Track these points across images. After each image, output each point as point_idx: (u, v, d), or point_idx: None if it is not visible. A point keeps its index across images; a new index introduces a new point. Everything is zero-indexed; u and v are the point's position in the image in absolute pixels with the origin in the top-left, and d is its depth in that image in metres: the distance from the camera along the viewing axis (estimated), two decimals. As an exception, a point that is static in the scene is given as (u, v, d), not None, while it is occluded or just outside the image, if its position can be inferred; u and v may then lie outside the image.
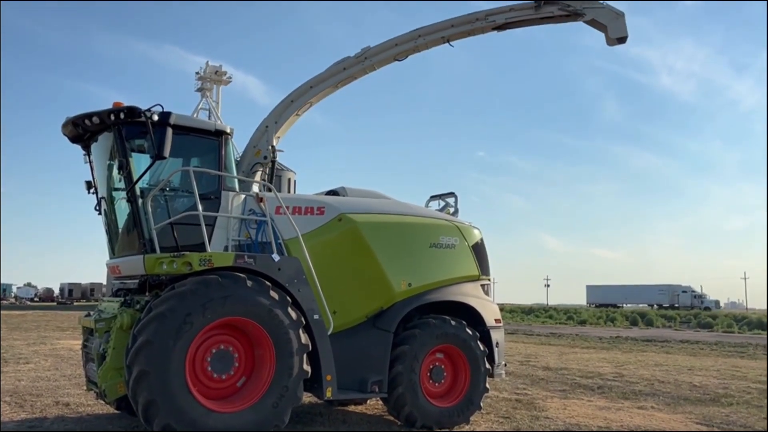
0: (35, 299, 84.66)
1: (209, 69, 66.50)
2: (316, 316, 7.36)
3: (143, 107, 7.05)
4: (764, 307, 77.49)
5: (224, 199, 7.58)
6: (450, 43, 10.26)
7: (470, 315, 8.72)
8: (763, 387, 12.96)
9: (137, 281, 7.86)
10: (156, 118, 7.02)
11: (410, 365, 7.91)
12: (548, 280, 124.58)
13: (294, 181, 41.88)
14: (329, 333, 7.44)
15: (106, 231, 8.11)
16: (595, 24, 10.11)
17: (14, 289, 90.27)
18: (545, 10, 10.06)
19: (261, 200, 7.77)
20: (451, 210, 9.95)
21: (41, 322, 31.33)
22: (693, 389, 12.50)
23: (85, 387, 8.34)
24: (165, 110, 7.13)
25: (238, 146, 9.64)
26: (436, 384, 8.29)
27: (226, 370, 6.84)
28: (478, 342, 8.44)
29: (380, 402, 8.96)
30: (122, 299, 7.66)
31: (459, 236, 8.94)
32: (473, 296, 8.89)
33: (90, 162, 8.04)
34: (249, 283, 6.84)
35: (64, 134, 7.87)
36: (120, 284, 8.60)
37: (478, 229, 9.40)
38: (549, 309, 68.04)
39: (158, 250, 6.96)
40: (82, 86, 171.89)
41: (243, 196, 7.87)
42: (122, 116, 7.04)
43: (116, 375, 6.79)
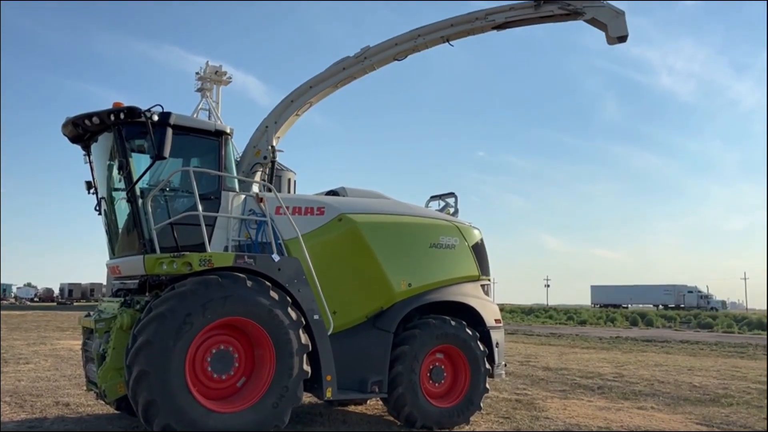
0: (35, 299, 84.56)
1: (209, 69, 66.59)
2: (316, 317, 7.36)
3: (143, 107, 7.05)
4: (764, 308, 77.47)
5: (224, 200, 7.58)
6: (450, 43, 10.24)
7: (470, 315, 8.72)
8: (763, 387, 12.95)
9: (137, 281, 7.86)
10: (156, 119, 7.02)
11: (410, 365, 7.91)
12: (548, 281, 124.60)
13: (294, 182, 41.82)
14: (329, 333, 7.44)
15: (106, 231, 8.11)
16: (596, 23, 10.08)
17: (14, 289, 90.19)
18: (545, 9, 10.02)
19: (261, 200, 7.77)
20: (451, 210, 9.95)
21: (41, 323, 31.32)
22: (693, 389, 12.49)
23: (85, 387, 8.34)
24: (165, 110, 7.13)
25: (238, 146, 9.65)
26: (436, 384, 8.29)
27: (226, 371, 6.84)
28: (478, 342, 8.44)
29: (380, 402, 8.96)
30: (122, 299, 7.66)
31: (459, 236, 8.94)
32: (473, 296, 8.89)
33: (90, 162, 8.04)
34: (249, 284, 6.84)
35: (64, 134, 7.87)
36: (120, 284, 8.60)
37: (478, 230, 9.40)
38: (549, 309, 68.00)
39: (158, 251, 6.96)
40: (82, 86, 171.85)
41: (243, 197, 7.86)
42: (122, 116, 7.04)
43: (116, 375, 6.79)
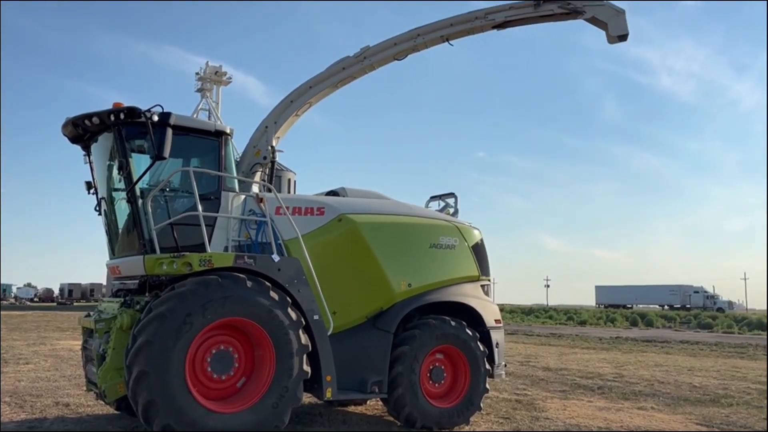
0: (35, 299, 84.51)
1: (209, 69, 66.64)
2: (316, 317, 7.36)
3: (143, 107, 7.04)
4: (764, 308, 77.40)
5: (224, 200, 7.58)
6: (449, 42, 10.22)
7: (470, 315, 8.71)
8: (763, 387, 12.95)
9: (137, 282, 7.86)
10: (156, 119, 7.01)
11: (410, 366, 7.90)
12: (548, 281, 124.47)
13: (294, 182, 41.80)
14: (329, 333, 7.43)
15: (106, 231, 8.11)
16: (596, 22, 10.05)
17: (14, 290, 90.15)
18: (545, 8, 9.99)
19: (261, 201, 7.77)
20: (451, 210, 9.94)
21: (41, 323, 31.32)
22: (693, 390, 12.49)
23: (85, 387, 8.35)
24: (165, 110, 7.12)
25: (238, 146, 9.64)
26: (436, 384, 8.29)
27: (226, 371, 6.84)
28: (478, 342, 8.43)
29: (380, 402, 8.96)
30: (122, 300, 7.66)
31: (459, 237, 8.94)
32: (473, 297, 8.89)
33: (90, 162, 8.04)
34: (249, 284, 6.84)
35: (64, 134, 7.87)
36: (120, 285, 8.61)
37: (478, 230, 9.39)
38: (549, 309, 67.98)
39: (158, 251, 6.96)
40: (82, 86, 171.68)
41: (243, 197, 7.86)
42: (122, 117, 7.04)
43: (116, 375, 6.79)
